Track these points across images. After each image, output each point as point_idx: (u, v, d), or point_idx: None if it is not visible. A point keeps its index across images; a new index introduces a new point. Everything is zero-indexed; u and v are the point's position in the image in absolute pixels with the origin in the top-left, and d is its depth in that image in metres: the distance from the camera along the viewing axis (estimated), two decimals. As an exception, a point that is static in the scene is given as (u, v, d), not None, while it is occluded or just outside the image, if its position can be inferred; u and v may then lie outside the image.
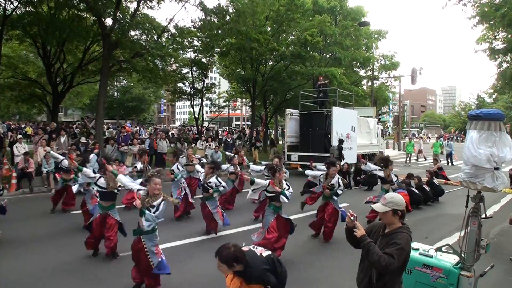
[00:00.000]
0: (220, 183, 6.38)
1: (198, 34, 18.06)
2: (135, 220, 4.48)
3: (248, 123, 41.63)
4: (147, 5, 14.20)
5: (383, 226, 2.89)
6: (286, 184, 5.60)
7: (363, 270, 2.89)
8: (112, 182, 5.48)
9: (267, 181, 5.63)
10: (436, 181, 11.11)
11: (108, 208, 5.51)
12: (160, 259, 4.25)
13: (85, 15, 14.38)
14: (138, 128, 30.41)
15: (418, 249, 3.92)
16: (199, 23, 15.62)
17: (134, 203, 4.27)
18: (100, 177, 5.58)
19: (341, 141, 13.54)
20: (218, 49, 20.23)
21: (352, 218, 2.79)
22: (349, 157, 14.66)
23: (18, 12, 13.31)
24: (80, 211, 7.04)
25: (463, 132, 52.95)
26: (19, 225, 7.03)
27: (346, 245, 6.57)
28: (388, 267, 2.54)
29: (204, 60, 21.41)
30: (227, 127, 47.06)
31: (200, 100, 22.89)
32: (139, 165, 8.45)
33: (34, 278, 4.81)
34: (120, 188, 5.53)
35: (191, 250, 6.03)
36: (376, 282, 2.75)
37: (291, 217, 8.15)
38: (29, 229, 6.96)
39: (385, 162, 7.49)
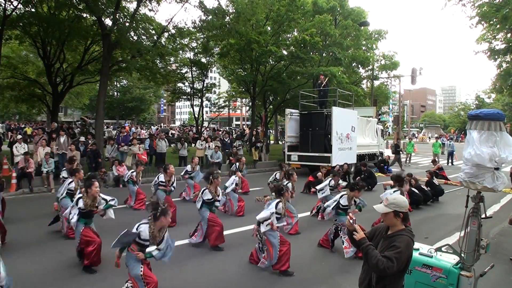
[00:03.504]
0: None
1: (198, 35, 18.07)
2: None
3: (248, 123, 41.61)
4: (146, 6, 14.19)
5: (386, 227, 2.87)
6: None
7: (365, 271, 2.88)
8: (91, 201, 5.21)
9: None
10: (436, 181, 11.11)
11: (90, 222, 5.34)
12: None
13: (85, 15, 14.37)
14: (137, 128, 30.39)
15: (418, 249, 3.91)
16: (199, 23, 15.62)
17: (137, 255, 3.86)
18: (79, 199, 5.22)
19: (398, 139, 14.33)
20: (218, 49, 20.25)
21: (351, 221, 2.78)
22: (349, 157, 14.66)
23: (18, 12, 13.30)
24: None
25: (463, 132, 52.98)
26: (19, 225, 7.02)
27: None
28: (387, 271, 2.52)
29: (203, 60, 21.41)
30: (227, 127, 47.07)
31: (200, 100, 22.89)
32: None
33: (34, 278, 4.81)
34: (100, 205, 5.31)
35: (191, 250, 6.02)
36: (376, 284, 2.74)
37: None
38: (30, 229, 6.96)
39: (399, 181, 6.68)
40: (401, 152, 19.59)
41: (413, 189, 9.66)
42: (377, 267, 2.53)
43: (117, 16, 12.77)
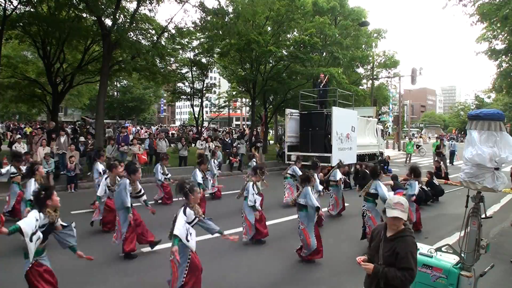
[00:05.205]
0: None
1: (198, 34, 18.04)
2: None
3: (248, 123, 41.60)
4: (146, 6, 14.17)
5: (384, 228, 2.89)
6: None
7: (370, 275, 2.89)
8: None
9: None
10: (436, 181, 11.11)
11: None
12: None
13: (85, 15, 14.37)
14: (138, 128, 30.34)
15: (418, 249, 3.91)
16: (200, 23, 15.60)
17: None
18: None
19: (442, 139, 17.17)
20: (218, 50, 20.24)
21: (361, 264, 2.85)
22: (349, 157, 14.66)
23: (18, 12, 13.29)
24: (79, 211, 7.05)
25: (463, 132, 53.01)
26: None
27: (346, 245, 6.60)
28: (411, 279, 2.64)
29: (203, 60, 21.40)
30: (227, 127, 47.07)
31: (200, 100, 22.89)
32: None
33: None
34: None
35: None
36: (385, 286, 2.76)
37: (287, 219, 8.18)
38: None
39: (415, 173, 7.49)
40: (442, 154, 18.15)
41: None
42: (403, 282, 2.63)
43: (117, 16, 12.77)
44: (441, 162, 14.29)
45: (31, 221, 3.24)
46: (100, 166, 8.13)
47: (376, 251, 2.84)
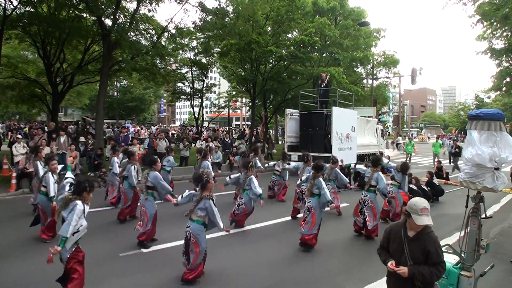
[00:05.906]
0: None
1: (198, 34, 18.05)
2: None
3: (248, 123, 41.59)
4: (146, 6, 14.17)
5: (403, 228, 2.91)
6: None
7: (399, 278, 2.86)
8: None
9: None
10: (436, 181, 11.10)
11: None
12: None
13: (85, 15, 14.37)
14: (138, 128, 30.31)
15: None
16: (200, 23, 15.60)
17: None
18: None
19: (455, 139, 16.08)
20: (219, 49, 20.24)
21: (395, 269, 2.85)
22: (349, 157, 14.64)
23: (18, 12, 13.29)
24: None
25: (463, 132, 52.98)
26: (19, 226, 7.01)
27: (346, 245, 6.60)
28: (445, 270, 2.81)
29: (203, 60, 21.40)
30: (227, 127, 47.08)
31: (200, 100, 22.89)
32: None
33: (35, 278, 4.80)
34: None
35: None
36: (422, 285, 2.82)
37: (288, 218, 8.18)
38: (29, 229, 6.94)
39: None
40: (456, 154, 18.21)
41: (414, 187, 9.63)
42: (438, 276, 2.78)
43: (117, 16, 12.77)
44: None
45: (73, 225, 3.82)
46: (116, 161, 8.80)
47: (401, 253, 2.86)
